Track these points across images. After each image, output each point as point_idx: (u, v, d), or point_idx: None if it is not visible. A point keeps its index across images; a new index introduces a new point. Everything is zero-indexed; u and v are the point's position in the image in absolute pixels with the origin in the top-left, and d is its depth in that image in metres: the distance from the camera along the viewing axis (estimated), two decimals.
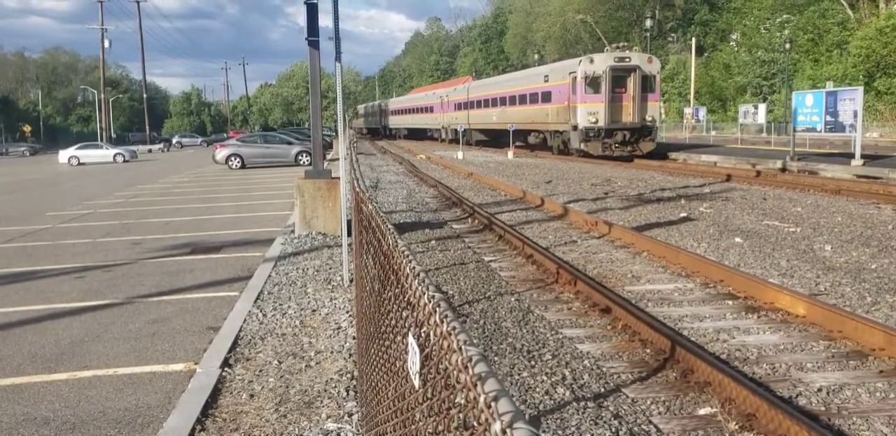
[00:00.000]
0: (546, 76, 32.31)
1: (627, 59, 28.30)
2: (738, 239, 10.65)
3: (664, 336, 5.88)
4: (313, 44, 11.38)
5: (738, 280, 7.78)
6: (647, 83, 28.48)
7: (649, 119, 28.37)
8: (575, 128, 28.73)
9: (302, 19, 10.73)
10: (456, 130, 44.82)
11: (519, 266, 9.38)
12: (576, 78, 28.58)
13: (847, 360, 5.64)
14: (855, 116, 20.31)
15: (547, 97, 31.78)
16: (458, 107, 47.15)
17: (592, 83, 28.12)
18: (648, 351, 5.91)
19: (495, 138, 42.55)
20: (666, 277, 8.54)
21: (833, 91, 21.65)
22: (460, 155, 33.32)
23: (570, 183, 19.85)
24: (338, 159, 10.78)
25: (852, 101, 20.49)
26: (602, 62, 28.20)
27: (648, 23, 42.40)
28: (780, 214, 13.00)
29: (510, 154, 32.83)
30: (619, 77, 28.24)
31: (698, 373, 5.22)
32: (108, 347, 6.54)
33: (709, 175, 21.04)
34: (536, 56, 57.39)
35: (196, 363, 5.96)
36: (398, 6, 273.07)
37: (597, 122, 27.92)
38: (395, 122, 69.92)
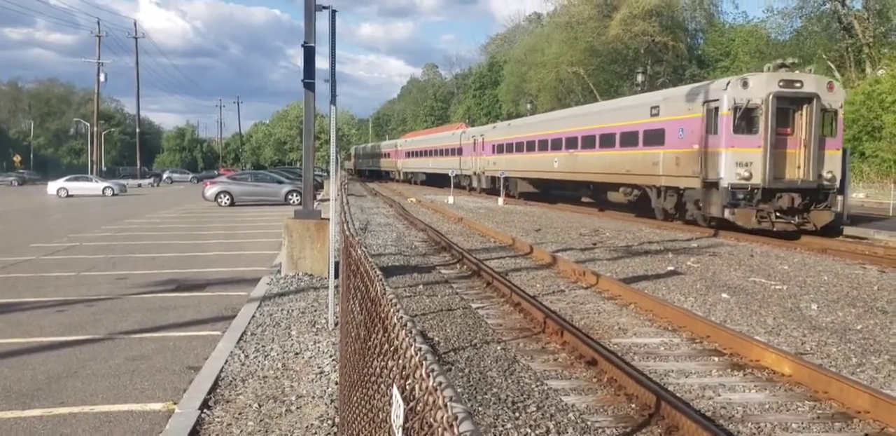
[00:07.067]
0: (656, 107, 22.22)
1: (798, 84, 18.64)
2: (724, 295, 10.66)
3: (650, 391, 5.84)
4: (309, 86, 11.57)
5: (724, 336, 7.76)
6: (826, 121, 19.10)
7: (827, 176, 18.80)
8: (713, 185, 19.12)
9: (301, 61, 10.91)
10: (493, 177, 37.72)
11: (506, 314, 9.34)
12: (717, 109, 19.05)
13: (832, 421, 5.60)
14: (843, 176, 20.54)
15: (656, 138, 21.99)
16: (499, 149, 37.69)
17: (744, 118, 18.60)
18: (633, 406, 5.86)
19: (551, 190, 33.34)
20: (652, 330, 8.52)
21: None
22: (451, 200, 33.48)
23: (559, 232, 19.92)
24: (328, 200, 10.80)
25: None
26: (761, 86, 18.49)
27: (640, 77, 43.06)
28: (767, 272, 13.04)
29: (500, 201, 33.02)
30: (783, 110, 18.73)
31: (683, 430, 5.16)
32: (85, 383, 6.42)
33: (696, 230, 21.15)
34: (529, 105, 58.02)
35: (175, 403, 5.85)
36: (397, 52, 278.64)
37: (750, 177, 18.33)
38: (407, 165, 61.24)
